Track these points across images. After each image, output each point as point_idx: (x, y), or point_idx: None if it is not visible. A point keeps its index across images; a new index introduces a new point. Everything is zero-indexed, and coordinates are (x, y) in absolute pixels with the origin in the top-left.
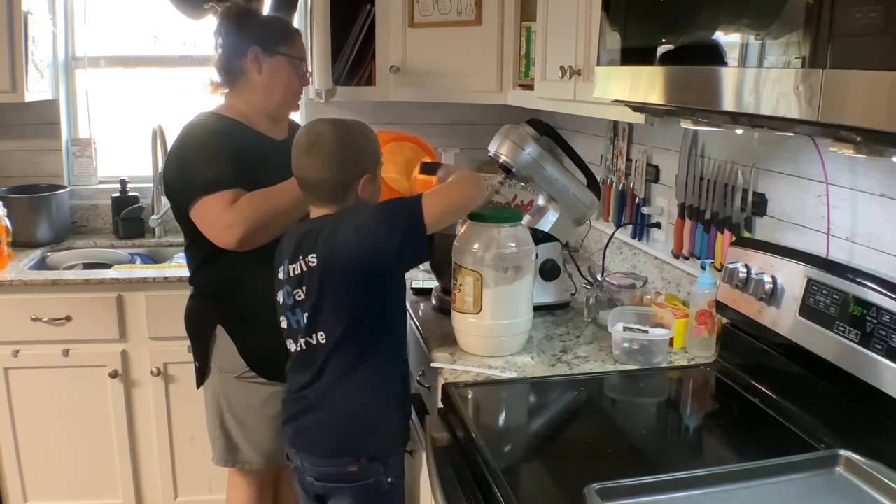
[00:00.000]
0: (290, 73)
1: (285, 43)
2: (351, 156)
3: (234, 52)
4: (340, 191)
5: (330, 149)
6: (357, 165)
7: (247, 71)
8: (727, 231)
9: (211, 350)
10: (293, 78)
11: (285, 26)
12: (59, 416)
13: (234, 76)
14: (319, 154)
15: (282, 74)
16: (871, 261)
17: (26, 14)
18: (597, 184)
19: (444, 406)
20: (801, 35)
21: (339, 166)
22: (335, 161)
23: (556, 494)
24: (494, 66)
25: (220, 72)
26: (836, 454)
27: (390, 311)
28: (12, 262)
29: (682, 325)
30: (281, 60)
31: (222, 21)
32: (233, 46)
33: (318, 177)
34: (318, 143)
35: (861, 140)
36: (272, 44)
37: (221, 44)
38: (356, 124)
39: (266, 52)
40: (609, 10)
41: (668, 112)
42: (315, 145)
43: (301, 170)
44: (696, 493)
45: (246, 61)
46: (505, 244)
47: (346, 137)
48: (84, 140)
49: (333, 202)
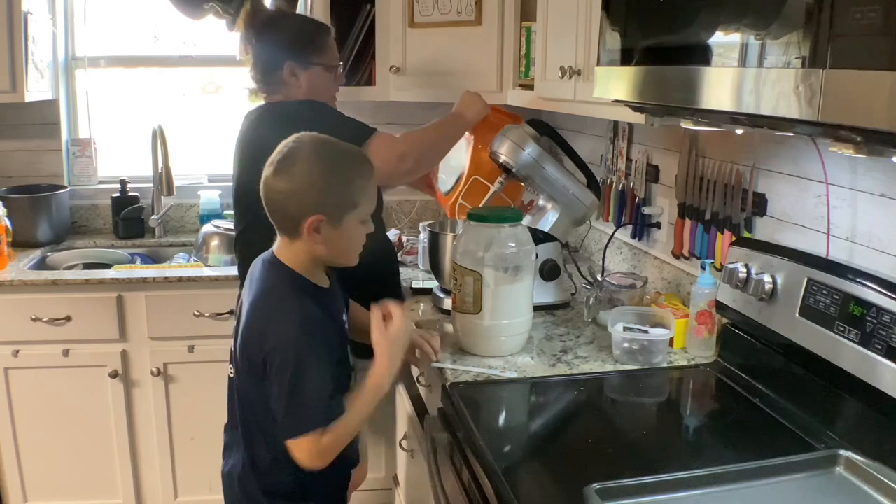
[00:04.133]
0: (328, 80)
1: (318, 51)
2: (306, 186)
3: (269, 65)
4: (288, 222)
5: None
6: (308, 199)
7: (286, 84)
8: (727, 231)
9: None
10: (330, 83)
11: (315, 32)
12: (59, 416)
13: (274, 87)
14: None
15: (320, 84)
16: (871, 261)
17: (26, 14)
18: (597, 184)
19: (444, 406)
20: (801, 35)
21: (292, 195)
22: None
23: (556, 494)
24: (494, 66)
25: (258, 82)
26: (836, 454)
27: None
28: (12, 262)
29: (682, 325)
30: (317, 71)
31: (251, 30)
32: (267, 61)
33: (268, 196)
34: (288, 160)
35: (861, 140)
36: (306, 56)
37: (255, 55)
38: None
39: (302, 66)
40: (609, 10)
41: (668, 112)
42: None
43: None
44: (696, 493)
45: (283, 75)
46: (505, 244)
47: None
48: (84, 140)
49: (283, 231)
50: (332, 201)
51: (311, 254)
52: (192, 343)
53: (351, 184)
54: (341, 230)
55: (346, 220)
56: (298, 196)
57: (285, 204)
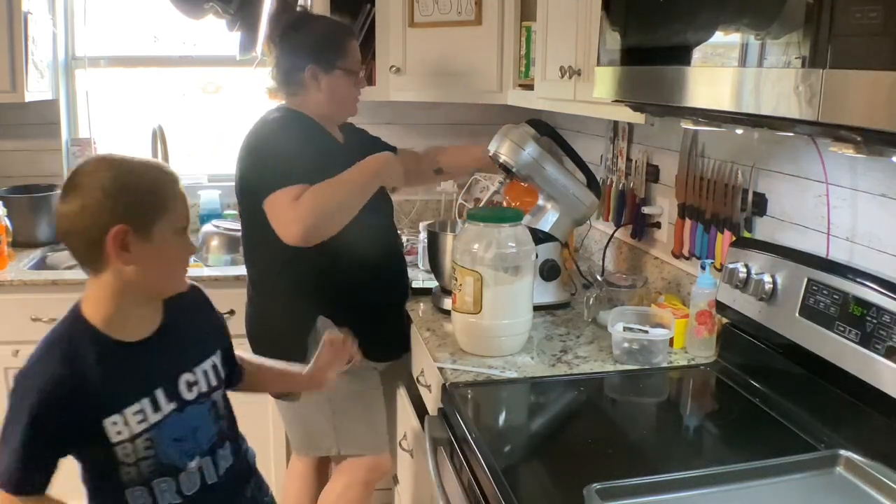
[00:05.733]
0: (349, 84)
1: (341, 56)
2: (99, 196)
3: (291, 67)
4: (90, 251)
5: (84, 187)
6: (104, 211)
7: (307, 86)
8: (727, 231)
9: (309, 346)
10: (351, 88)
11: (339, 36)
12: None
13: (294, 88)
14: (73, 193)
15: (341, 88)
16: (871, 261)
17: (26, 14)
18: (597, 184)
19: (444, 406)
20: (801, 35)
21: (84, 211)
22: (84, 203)
23: (556, 494)
24: (494, 66)
25: (279, 82)
26: (836, 454)
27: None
28: (12, 262)
29: (682, 325)
30: (339, 75)
31: (276, 31)
32: (290, 62)
33: (62, 228)
34: (75, 179)
35: (861, 140)
36: (329, 60)
37: (277, 55)
38: (133, 160)
39: (324, 70)
40: (609, 10)
41: (668, 112)
42: (72, 180)
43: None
44: (696, 493)
45: (305, 78)
46: (505, 244)
47: (109, 173)
48: (84, 140)
49: (87, 267)
50: (133, 206)
51: (123, 287)
52: None
53: (151, 186)
54: (153, 243)
55: (157, 228)
56: (91, 209)
57: (80, 225)
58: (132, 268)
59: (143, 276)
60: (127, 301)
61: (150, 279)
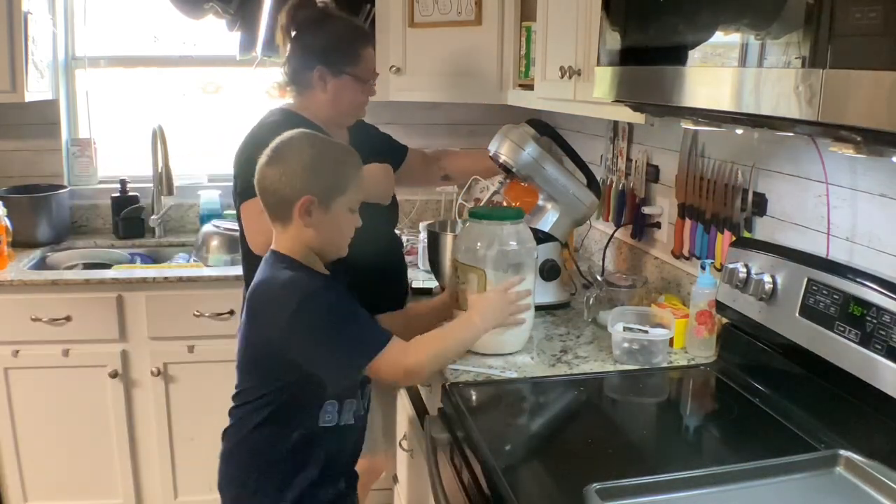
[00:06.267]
0: (356, 90)
1: (353, 61)
2: (298, 169)
3: (301, 64)
4: (281, 208)
5: (287, 158)
6: (299, 181)
7: (314, 87)
8: (727, 231)
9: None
10: (358, 95)
11: (354, 41)
12: (59, 416)
13: (301, 86)
14: (278, 160)
15: (346, 94)
16: (871, 261)
17: (26, 14)
18: (597, 184)
19: (444, 406)
20: (801, 35)
21: (283, 177)
22: (284, 171)
23: (556, 494)
24: (494, 66)
25: (288, 79)
26: (836, 454)
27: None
28: (12, 262)
29: (682, 325)
30: (346, 81)
31: (291, 25)
32: (300, 59)
33: (262, 184)
34: (281, 149)
35: (861, 140)
36: (339, 64)
37: (290, 50)
38: (331, 143)
39: (332, 73)
40: (609, 10)
41: (668, 112)
42: (279, 149)
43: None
44: (696, 493)
45: (313, 78)
46: (507, 242)
47: (310, 151)
48: (84, 140)
49: (276, 220)
50: (321, 184)
51: (304, 241)
52: (192, 343)
53: (339, 169)
54: (331, 215)
55: (335, 204)
56: (290, 178)
57: (278, 187)
58: (310, 230)
59: (317, 237)
60: (308, 250)
61: (322, 241)
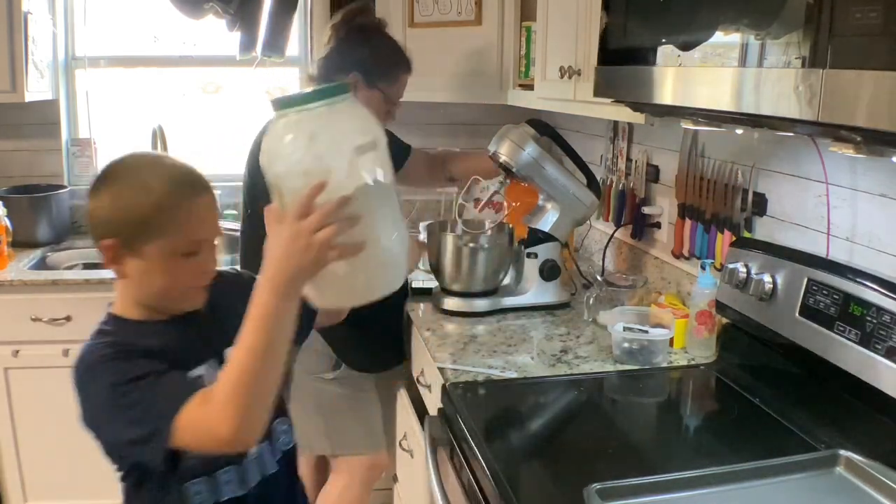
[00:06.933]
0: (379, 108)
1: (389, 81)
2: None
3: (339, 65)
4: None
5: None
6: (104, 218)
7: None
8: (727, 231)
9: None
10: (380, 113)
11: (398, 64)
12: (59, 416)
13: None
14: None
15: (372, 107)
16: (871, 261)
17: (26, 14)
18: (597, 184)
19: (444, 406)
20: (801, 35)
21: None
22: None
23: (556, 495)
24: (494, 66)
25: (318, 74)
26: (836, 454)
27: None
28: (12, 262)
29: (682, 325)
30: (375, 95)
31: (343, 27)
32: (340, 60)
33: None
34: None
35: (861, 140)
36: (375, 77)
37: (333, 49)
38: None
39: (366, 83)
40: (609, 9)
41: (668, 112)
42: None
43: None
44: (696, 493)
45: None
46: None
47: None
48: (84, 140)
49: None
50: (127, 223)
51: (130, 295)
52: None
53: (157, 205)
54: (145, 261)
55: (148, 249)
56: (96, 215)
57: (91, 226)
58: (127, 280)
59: (138, 289)
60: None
61: (147, 292)
